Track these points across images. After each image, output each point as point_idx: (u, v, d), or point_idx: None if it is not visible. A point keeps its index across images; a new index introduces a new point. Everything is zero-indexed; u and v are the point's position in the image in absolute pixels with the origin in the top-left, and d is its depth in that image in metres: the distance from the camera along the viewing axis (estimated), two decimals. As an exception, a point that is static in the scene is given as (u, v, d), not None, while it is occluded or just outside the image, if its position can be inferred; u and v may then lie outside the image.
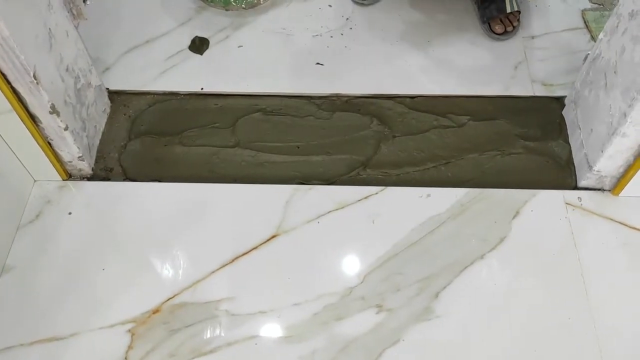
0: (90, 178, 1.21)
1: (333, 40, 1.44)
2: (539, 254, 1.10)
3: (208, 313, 1.04)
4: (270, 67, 1.39)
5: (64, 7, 1.08)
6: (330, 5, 1.51)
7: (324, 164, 1.24)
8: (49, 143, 1.12)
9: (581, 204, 1.16)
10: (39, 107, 1.03)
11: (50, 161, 1.14)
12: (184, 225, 1.14)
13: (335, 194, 1.18)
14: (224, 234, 1.13)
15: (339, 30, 1.46)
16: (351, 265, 1.10)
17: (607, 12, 1.47)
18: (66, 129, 1.09)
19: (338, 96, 1.34)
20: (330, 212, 1.16)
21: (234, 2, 1.47)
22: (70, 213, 1.16)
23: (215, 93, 1.35)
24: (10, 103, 1.00)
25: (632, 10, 1.00)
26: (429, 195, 1.18)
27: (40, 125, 1.07)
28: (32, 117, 1.05)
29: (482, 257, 1.10)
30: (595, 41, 1.41)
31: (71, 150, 1.14)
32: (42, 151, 1.11)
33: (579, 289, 1.06)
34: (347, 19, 1.48)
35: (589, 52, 1.19)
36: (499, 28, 1.41)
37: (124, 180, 1.21)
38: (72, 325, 1.03)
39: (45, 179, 1.19)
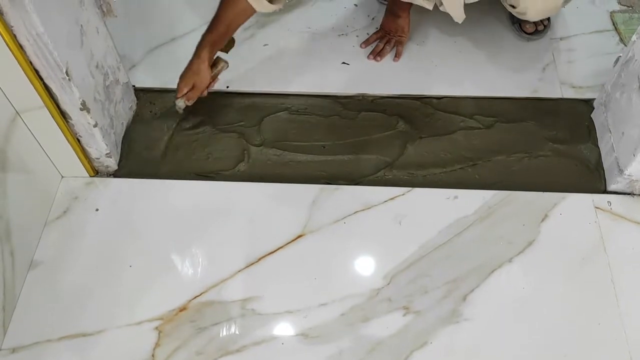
0: (117, 175, 1.21)
1: (359, 39, 1.43)
2: (567, 258, 1.09)
3: (235, 312, 1.04)
4: (296, 66, 1.39)
5: (95, 3, 1.09)
6: (355, 5, 1.50)
7: (350, 164, 1.23)
8: (78, 140, 1.12)
9: (611, 208, 1.15)
10: (69, 103, 1.04)
11: (79, 157, 1.15)
12: (211, 224, 1.14)
13: (362, 194, 1.18)
14: (250, 233, 1.13)
15: (364, 29, 1.45)
16: (377, 267, 1.09)
17: (636, 15, 1.45)
18: (95, 125, 1.10)
19: (364, 96, 1.33)
20: (356, 212, 1.15)
21: (259, 0, 1.46)
22: (97, 209, 1.16)
23: (240, 92, 1.35)
24: (42, 99, 1.00)
25: (670, 13, 0.98)
26: (456, 197, 1.17)
27: (70, 121, 1.08)
28: (63, 114, 1.06)
29: (510, 260, 1.09)
30: (624, 43, 1.40)
31: (99, 147, 1.14)
32: (70, 148, 1.12)
33: (609, 294, 1.05)
34: (373, 18, 1.47)
35: (621, 55, 1.17)
36: (529, 27, 1.40)
37: (150, 177, 1.21)
38: (99, 321, 1.03)
39: (73, 176, 1.20)
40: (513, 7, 1.22)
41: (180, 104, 1.23)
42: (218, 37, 1.20)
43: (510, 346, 1.00)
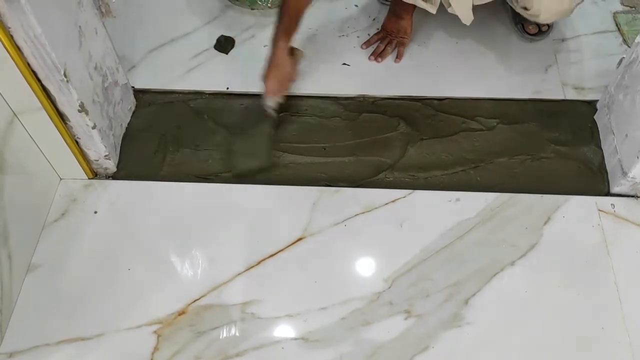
0: (116, 177, 1.20)
1: (360, 40, 1.42)
2: (571, 261, 1.08)
3: (234, 315, 1.03)
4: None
5: (93, 5, 1.08)
6: (356, 5, 1.49)
7: (351, 165, 1.22)
8: (77, 141, 1.11)
9: (614, 211, 1.13)
10: (68, 105, 1.03)
11: (77, 159, 1.14)
12: (209, 226, 1.13)
13: (362, 196, 1.17)
14: (250, 236, 1.12)
15: (365, 30, 1.44)
16: (378, 270, 1.08)
17: (639, 15, 1.44)
18: (94, 127, 1.09)
19: (365, 97, 1.32)
20: (357, 215, 1.14)
21: (259, 1, 1.45)
22: (95, 212, 1.15)
23: (240, 93, 1.34)
24: (40, 101, 0.99)
25: (674, 14, 0.97)
26: (457, 200, 1.16)
27: (69, 123, 1.07)
28: (61, 116, 1.05)
29: (512, 263, 1.08)
30: (627, 44, 1.39)
31: (98, 149, 1.13)
32: (69, 149, 1.11)
33: (613, 297, 1.04)
34: (374, 19, 1.46)
35: (624, 56, 1.16)
36: (532, 28, 1.39)
37: (149, 179, 1.20)
38: (98, 325, 1.02)
39: (71, 178, 1.19)
40: (526, 9, 1.22)
41: (271, 103, 1.18)
42: (289, 24, 1.17)
43: (512, 350, 0.99)
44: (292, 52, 1.21)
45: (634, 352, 0.98)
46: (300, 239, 1.12)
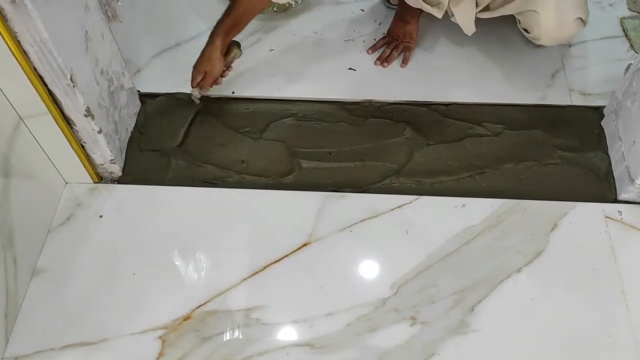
0: (121, 181, 1.20)
1: (365, 45, 1.42)
2: (578, 268, 1.07)
3: (239, 321, 1.03)
4: (302, 71, 1.37)
5: (100, 9, 1.08)
6: (362, 10, 1.49)
7: (357, 171, 1.22)
8: (82, 146, 1.11)
9: (622, 218, 1.13)
10: (74, 109, 1.03)
11: (83, 164, 1.14)
12: (214, 231, 1.13)
13: (368, 202, 1.16)
14: (255, 241, 1.12)
15: (371, 35, 1.44)
16: (384, 276, 1.08)
17: (646, 21, 1.44)
18: (100, 131, 1.09)
19: (370, 102, 1.32)
20: (362, 220, 1.14)
21: (265, 5, 1.45)
22: (101, 216, 1.15)
23: (246, 97, 1.34)
24: (46, 105, 0.99)
25: (683, 20, 0.97)
26: (464, 206, 1.15)
27: (75, 127, 1.07)
28: (67, 120, 1.05)
29: (518, 270, 1.07)
30: (634, 50, 1.38)
31: (104, 153, 1.13)
32: (75, 154, 1.11)
33: (620, 305, 1.03)
34: (380, 23, 1.46)
35: (632, 62, 1.16)
36: None
37: (155, 184, 1.20)
38: (103, 330, 1.02)
39: (77, 182, 1.19)
40: (526, 31, 1.23)
41: (195, 93, 1.23)
42: (231, 25, 1.19)
43: (518, 358, 0.99)
44: (230, 50, 1.22)
45: (642, 361, 0.97)
46: (305, 244, 1.11)
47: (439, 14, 1.24)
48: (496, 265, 1.08)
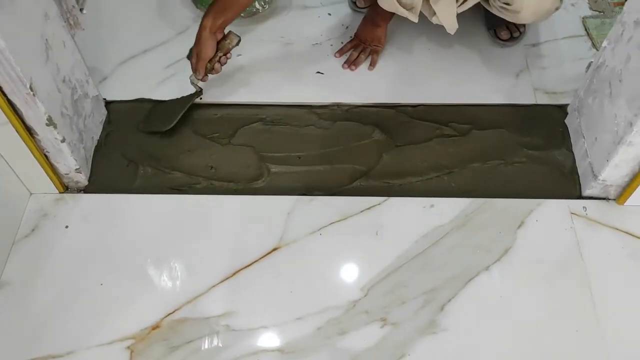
0: (88, 190, 1.19)
1: (333, 48, 1.42)
2: (544, 264, 1.09)
3: (209, 328, 1.02)
4: (270, 76, 1.37)
5: (61, 17, 1.07)
6: (329, 14, 1.50)
7: (326, 174, 1.22)
8: (46, 155, 1.10)
9: (586, 214, 1.15)
10: (35, 119, 1.01)
11: (47, 174, 1.12)
12: (184, 238, 1.12)
13: (338, 204, 1.16)
14: (225, 247, 1.11)
15: (338, 38, 1.44)
16: (354, 278, 1.08)
17: (607, 20, 1.46)
18: (63, 141, 1.07)
19: (339, 105, 1.32)
20: (332, 223, 1.14)
21: (232, 10, 1.45)
22: (67, 226, 1.13)
23: (214, 103, 1.33)
24: (6, 115, 0.98)
25: (638, 19, 0.99)
26: (432, 206, 1.16)
27: (37, 137, 1.05)
28: (28, 130, 1.03)
29: (487, 268, 1.08)
30: (596, 49, 1.41)
31: (68, 163, 1.12)
32: (38, 164, 1.09)
33: (586, 300, 1.04)
34: (347, 27, 1.47)
35: (592, 60, 1.18)
36: (504, 34, 1.40)
37: (122, 192, 1.18)
38: (69, 342, 1.00)
39: (42, 192, 1.17)
40: (507, 4, 1.21)
41: (192, 78, 1.24)
42: (223, 7, 1.19)
43: (488, 355, 0.99)
44: (227, 36, 1.23)
45: (609, 354, 0.99)
46: (275, 249, 1.11)
47: (414, 18, 1.24)
48: (465, 264, 1.09)
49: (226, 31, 1.23)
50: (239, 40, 1.24)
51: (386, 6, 1.24)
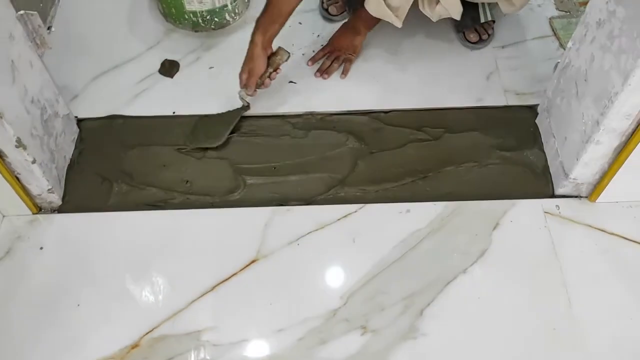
0: (61, 210, 1.17)
1: (305, 57, 1.43)
2: (520, 264, 1.10)
3: (189, 345, 1.01)
4: (242, 87, 1.37)
5: (27, 37, 1.06)
6: (300, 23, 1.50)
7: (302, 183, 1.22)
8: (17, 177, 1.08)
9: (559, 212, 1.16)
10: (3, 141, 1.00)
11: (19, 195, 1.11)
12: (161, 254, 1.12)
13: (315, 214, 1.17)
14: (202, 261, 1.11)
15: (310, 47, 1.45)
16: (334, 287, 1.08)
17: (574, 19, 1.49)
18: (34, 162, 1.06)
19: (312, 114, 1.33)
20: (310, 232, 1.14)
21: (202, 23, 1.45)
22: (41, 248, 1.12)
23: (187, 115, 1.32)
24: (-26, 139, 0.96)
25: (600, 19, 1.01)
26: (408, 211, 1.17)
27: (6, 159, 1.04)
28: (-2, 152, 1.02)
29: (464, 271, 1.09)
30: (564, 48, 1.43)
31: (40, 184, 1.11)
32: (9, 186, 1.08)
33: (562, 298, 1.06)
34: (318, 35, 1.47)
35: (559, 61, 1.20)
36: (473, 37, 1.42)
37: (97, 210, 1.17)
38: (48, 365, 0.99)
39: (14, 214, 1.15)
40: None
41: (242, 94, 1.26)
42: (270, 20, 1.21)
43: (468, 358, 1.00)
44: (277, 52, 1.26)
45: (586, 351, 1.00)
46: (253, 261, 1.11)
47: (398, 23, 1.25)
48: (442, 267, 1.10)
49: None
50: (289, 56, 1.27)
51: (373, 11, 1.24)
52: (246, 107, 1.30)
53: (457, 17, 1.28)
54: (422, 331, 1.02)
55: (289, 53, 1.27)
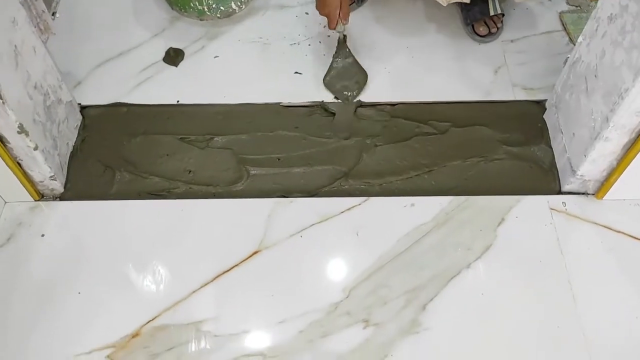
0: (64, 197, 1.17)
1: (311, 48, 1.41)
2: (525, 261, 1.09)
3: (190, 334, 1.01)
4: (248, 77, 1.36)
5: (30, 22, 1.05)
6: (307, 13, 1.48)
7: (305, 175, 1.21)
8: (19, 163, 1.08)
9: (566, 209, 1.15)
10: (6, 127, 0.99)
11: (21, 182, 1.10)
12: (163, 244, 1.11)
13: (318, 206, 1.16)
14: (204, 252, 1.10)
15: (316, 38, 1.43)
16: (336, 280, 1.07)
17: (584, 14, 1.47)
18: (36, 148, 1.05)
19: (318, 105, 1.31)
20: (313, 225, 1.13)
21: (208, 11, 1.43)
22: (43, 235, 1.12)
23: (191, 104, 1.31)
24: (-24, 124, 0.96)
25: (611, 14, 0.99)
26: (413, 205, 1.16)
27: (9, 145, 1.03)
28: (0, 138, 1.01)
29: (468, 266, 1.08)
30: (573, 44, 1.41)
31: (42, 170, 1.10)
32: (11, 172, 1.07)
33: (567, 296, 1.05)
34: (325, 26, 1.46)
35: (569, 56, 1.18)
36: (482, 30, 1.40)
37: (99, 198, 1.17)
38: (47, 353, 0.98)
39: (16, 200, 1.15)
40: None
41: (339, 28, 1.28)
42: None
43: (471, 353, 0.99)
44: None
45: (589, 349, 0.99)
46: (256, 252, 1.10)
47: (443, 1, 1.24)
48: (446, 262, 1.09)
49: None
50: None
51: None
52: (345, 36, 1.33)
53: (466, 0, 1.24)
54: (424, 326, 1.01)
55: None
